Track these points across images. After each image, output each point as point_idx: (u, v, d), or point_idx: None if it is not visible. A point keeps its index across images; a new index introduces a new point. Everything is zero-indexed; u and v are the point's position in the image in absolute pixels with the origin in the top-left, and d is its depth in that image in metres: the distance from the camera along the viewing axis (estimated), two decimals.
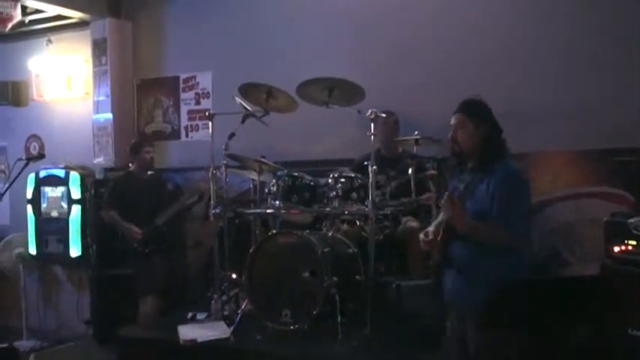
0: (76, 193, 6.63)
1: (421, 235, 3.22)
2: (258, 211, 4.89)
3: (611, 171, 4.69)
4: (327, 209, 4.60)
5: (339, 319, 4.06)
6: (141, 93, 6.95)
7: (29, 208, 6.95)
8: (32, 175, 6.86)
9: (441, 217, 3.34)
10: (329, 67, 5.21)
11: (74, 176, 6.68)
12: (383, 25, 5.59)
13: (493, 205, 2.91)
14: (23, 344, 6.49)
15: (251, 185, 5.37)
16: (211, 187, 4.81)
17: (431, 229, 3.22)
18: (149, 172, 5.81)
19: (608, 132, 4.69)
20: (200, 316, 4.76)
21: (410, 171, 4.62)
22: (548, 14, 4.98)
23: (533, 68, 4.99)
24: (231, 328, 4.31)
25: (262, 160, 4.85)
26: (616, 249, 3.65)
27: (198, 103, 6.59)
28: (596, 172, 4.75)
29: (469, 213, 2.94)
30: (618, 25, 4.74)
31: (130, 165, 5.88)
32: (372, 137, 4.27)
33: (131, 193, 5.65)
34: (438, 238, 3.08)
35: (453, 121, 3.14)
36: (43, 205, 6.87)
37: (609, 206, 4.53)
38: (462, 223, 2.90)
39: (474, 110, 3.11)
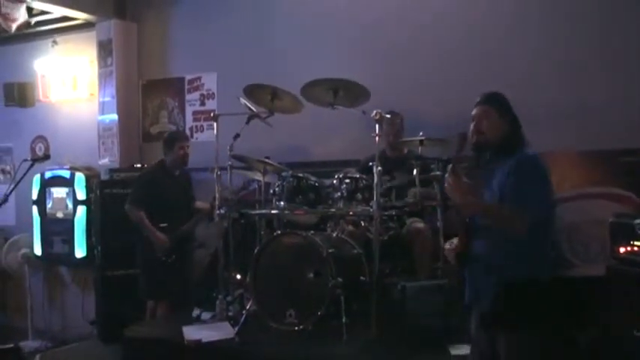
0: (81, 194, 6.64)
1: (447, 245, 3.18)
2: (263, 211, 4.89)
3: (616, 172, 4.67)
4: (332, 210, 4.59)
5: (343, 319, 4.06)
6: (146, 94, 6.97)
7: (34, 208, 6.97)
8: (38, 176, 6.88)
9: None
10: (333, 67, 5.21)
11: (79, 177, 6.69)
12: (387, 26, 5.59)
13: (506, 188, 2.85)
14: (28, 344, 6.51)
15: (256, 186, 5.37)
16: (216, 187, 4.82)
17: (455, 240, 3.16)
18: (180, 169, 5.59)
19: (613, 132, 4.68)
20: (205, 316, 4.77)
21: (415, 172, 4.62)
22: (552, 13, 4.97)
23: (538, 68, 4.98)
24: (236, 329, 4.31)
25: (267, 160, 4.85)
26: (621, 250, 3.65)
27: (203, 104, 6.60)
28: (602, 173, 4.73)
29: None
30: (623, 24, 4.74)
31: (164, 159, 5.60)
32: (377, 138, 4.27)
33: (162, 189, 5.39)
34: (459, 237, 3.02)
35: (475, 112, 3.08)
36: (49, 206, 6.89)
37: (615, 207, 4.52)
38: (463, 198, 2.85)
39: (497, 101, 3.08)
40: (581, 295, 3.29)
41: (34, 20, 6.94)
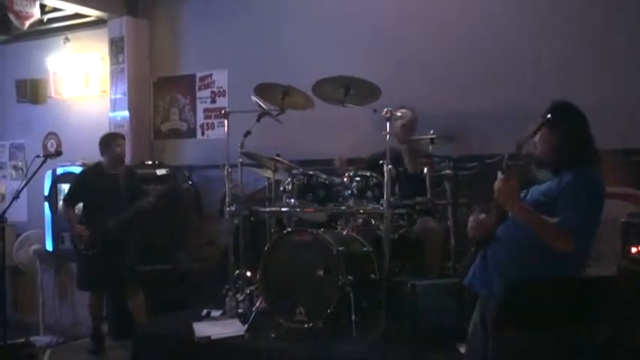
0: None
1: (471, 218, 3.07)
2: (273, 209, 4.89)
3: (629, 171, 4.64)
4: (342, 208, 4.59)
5: (353, 317, 4.06)
6: (157, 91, 6.98)
7: (46, 205, 7.00)
8: (49, 173, 6.90)
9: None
10: (345, 64, 5.20)
11: None
12: (398, 24, 5.58)
13: (556, 204, 2.75)
14: (39, 340, 6.53)
15: (266, 183, 5.38)
16: (227, 185, 4.83)
17: (482, 216, 3.01)
18: (121, 167, 5.75)
19: (626, 132, 4.66)
20: (215, 313, 4.79)
21: (425, 170, 4.61)
22: (562, 13, 4.95)
23: (549, 66, 4.96)
24: (246, 326, 4.32)
25: (277, 158, 4.85)
26: (633, 250, 3.63)
27: (214, 101, 6.61)
28: (614, 173, 4.70)
29: (527, 202, 2.83)
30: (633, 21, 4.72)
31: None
32: (387, 136, 4.26)
33: (96, 187, 5.62)
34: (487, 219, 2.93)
35: None
36: (60, 202, 6.91)
37: (627, 207, 4.49)
38: (512, 204, 2.76)
39: (552, 113, 2.90)
40: (592, 294, 3.25)
41: (46, 17, 6.96)
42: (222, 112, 5.11)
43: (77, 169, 6.75)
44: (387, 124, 4.24)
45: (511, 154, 2.82)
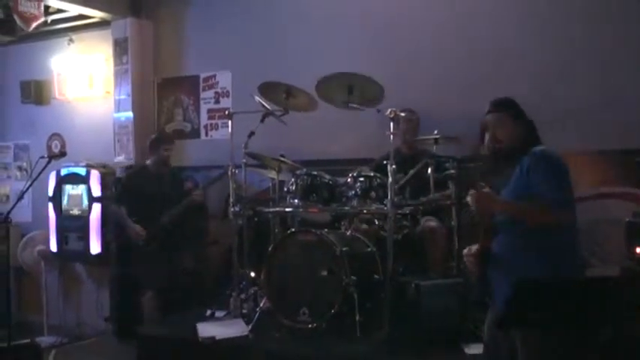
0: (96, 191, 6.69)
1: (465, 251, 3.13)
2: (277, 209, 4.90)
3: (632, 171, 4.64)
4: (346, 208, 4.60)
5: (357, 318, 4.06)
6: (161, 92, 6.99)
7: (50, 205, 7.02)
8: (53, 173, 6.92)
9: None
10: (346, 65, 5.17)
11: (95, 174, 6.73)
12: (401, 25, 5.58)
13: (529, 186, 2.84)
14: (44, 340, 6.54)
15: (270, 184, 5.39)
16: (231, 185, 4.84)
17: (474, 247, 3.07)
18: (166, 169, 5.82)
19: (629, 132, 4.65)
20: (219, 313, 4.80)
21: (429, 170, 4.61)
22: (568, 12, 4.94)
23: (551, 66, 4.95)
24: (250, 326, 4.34)
25: (281, 158, 4.86)
26: (638, 250, 3.62)
27: (217, 102, 6.61)
28: (618, 173, 4.70)
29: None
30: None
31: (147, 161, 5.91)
32: (392, 136, 4.26)
33: (143, 187, 5.67)
34: (480, 243, 2.98)
35: (488, 120, 3.07)
36: (64, 203, 6.93)
37: (631, 207, 4.48)
38: (492, 204, 2.89)
39: (510, 107, 3.07)
40: (595, 295, 3.26)
41: (50, 18, 6.97)
42: (226, 112, 5.11)
43: (81, 170, 6.80)
44: (391, 124, 4.25)
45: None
